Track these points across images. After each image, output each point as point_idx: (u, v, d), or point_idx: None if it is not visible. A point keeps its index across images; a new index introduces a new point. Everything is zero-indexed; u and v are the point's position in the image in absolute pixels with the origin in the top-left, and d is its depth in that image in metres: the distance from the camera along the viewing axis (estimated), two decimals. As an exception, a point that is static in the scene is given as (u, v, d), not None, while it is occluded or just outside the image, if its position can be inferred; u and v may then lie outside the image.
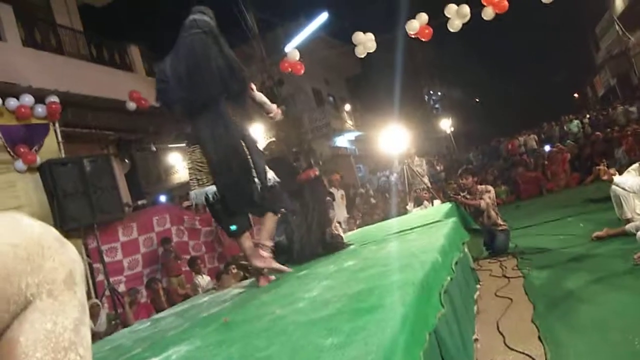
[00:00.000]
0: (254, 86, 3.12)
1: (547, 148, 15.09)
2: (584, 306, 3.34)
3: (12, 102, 6.40)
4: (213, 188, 2.81)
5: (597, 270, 4.10)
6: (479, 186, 6.03)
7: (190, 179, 2.94)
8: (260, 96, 3.21)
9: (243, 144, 2.87)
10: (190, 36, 2.75)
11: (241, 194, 2.81)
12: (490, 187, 6.08)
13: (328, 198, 4.32)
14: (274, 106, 3.34)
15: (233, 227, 2.99)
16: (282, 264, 3.15)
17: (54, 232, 0.58)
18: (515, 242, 5.88)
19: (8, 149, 6.31)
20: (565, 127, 18.11)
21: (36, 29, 8.71)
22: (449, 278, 2.19)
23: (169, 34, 3.01)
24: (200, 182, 2.86)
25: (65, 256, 0.56)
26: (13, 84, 6.95)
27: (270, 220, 2.99)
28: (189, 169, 2.94)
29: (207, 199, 2.83)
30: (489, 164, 16.40)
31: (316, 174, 4.06)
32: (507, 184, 12.42)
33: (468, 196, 5.94)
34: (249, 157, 2.87)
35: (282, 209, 3.18)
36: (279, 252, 3.39)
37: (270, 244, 3.00)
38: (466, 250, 3.40)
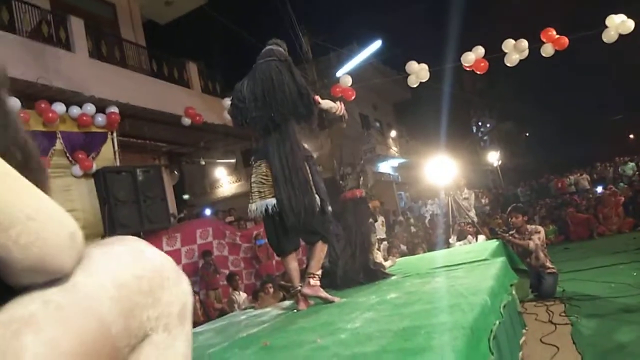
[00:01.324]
0: (319, 98, 3.23)
1: (599, 189, 14.48)
2: (635, 362, 3.14)
3: (74, 110, 6.76)
4: (274, 201, 2.92)
5: (651, 324, 3.86)
6: (528, 226, 5.83)
7: (252, 192, 3.05)
8: (326, 102, 3.35)
9: (306, 165, 3.01)
10: (266, 62, 3.00)
11: (299, 212, 2.88)
12: (540, 228, 5.86)
13: (370, 220, 4.28)
14: (337, 103, 3.49)
15: (283, 244, 3.05)
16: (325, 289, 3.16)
17: (173, 263, 0.59)
18: (562, 286, 5.63)
19: (67, 154, 6.64)
20: (619, 169, 17.33)
21: (103, 42, 9.20)
22: (497, 322, 2.10)
23: (224, 55, 3.21)
24: (262, 195, 2.99)
25: (180, 288, 0.57)
26: (78, 93, 7.33)
27: (319, 250, 3.03)
28: (253, 182, 3.06)
29: (266, 210, 2.94)
30: (537, 202, 15.86)
31: (362, 194, 4.05)
32: (556, 223, 11.95)
33: (517, 235, 5.75)
34: (310, 177, 3.00)
35: (331, 239, 3.22)
36: (321, 275, 3.40)
37: (319, 273, 3.03)
38: (514, 292, 3.28)
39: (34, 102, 6.33)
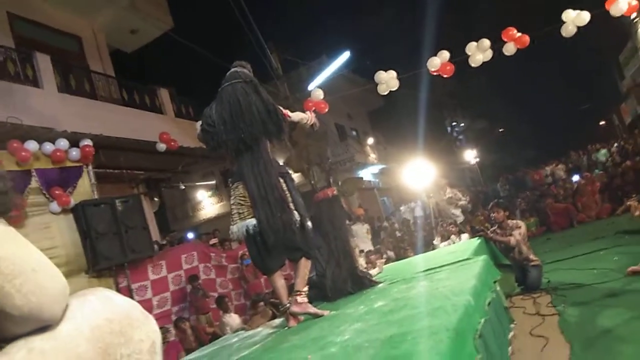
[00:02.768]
0: (288, 112, 3.28)
1: (575, 178, 14.82)
2: (623, 345, 3.23)
3: (47, 147, 6.66)
4: (253, 221, 2.95)
5: (635, 306, 3.97)
6: (509, 221, 5.94)
7: (232, 214, 3.08)
8: (296, 114, 3.40)
9: (282, 181, 3.04)
10: (232, 85, 3.04)
11: (278, 230, 2.91)
12: (521, 223, 5.98)
13: (348, 222, 4.26)
14: (307, 113, 3.57)
15: (267, 264, 3.08)
16: (313, 302, 3.19)
17: (139, 306, 0.66)
18: (547, 277, 5.74)
19: (44, 192, 6.53)
20: (593, 157, 17.78)
21: (71, 76, 9.14)
22: (482, 320, 2.16)
23: (195, 78, 3.26)
24: (242, 216, 3.02)
25: (149, 327, 0.63)
26: (50, 129, 7.25)
27: (303, 266, 3.06)
28: (232, 204, 3.10)
29: (247, 231, 2.97)
30: (517, 195, 16.14)
31: (334, 193, 4.03)
32: (537, 215, 12.18)
33: (498, 231, 5.86)
34: (287, 194, 3.02)
35: (314, 253, 3.24)
36: (310, 287, 3.43)
37: (306, 289, 3.06)
38: (498, 288, 3.35)
39: (6, 142, 6.24)
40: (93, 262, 6.03)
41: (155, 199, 10.86)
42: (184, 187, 11.29)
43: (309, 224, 3.11)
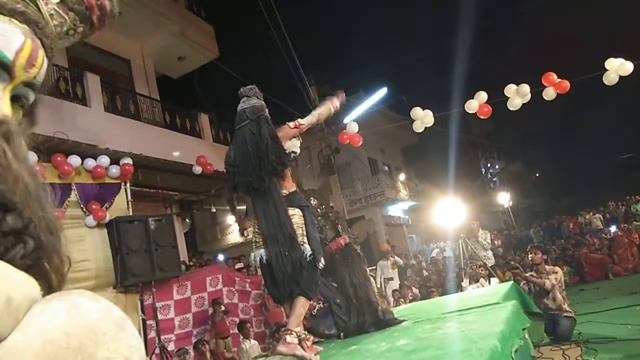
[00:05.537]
0: (299, 121, 3.32)
1: (612, 229, 14.29)
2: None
3: (89, 162, 6.94)
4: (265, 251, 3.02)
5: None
6: (547, 266, 5.76)
7: (252, 242, 3.15)
8: (312, 116, 3.44)
9: (300, 214, 3.07)
10: (241, 129, 3.12)
11: (285, 269, 2.93)
12: (557, 269, 5.79)
13: (363, 266, 4.09)
14: (332, 100, 3.60)
15: (276, 294, 3.08)
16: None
17: (114, 317, 0.54)
18: (578, 329, 5.50)
19: (81, 206, 6.77)
20: (631, 208, 17.14)
21: (118, 96, 9.56)
22: (508, 368, 2.09)
23: (235, 105, 3.35)
24: (257, 245, 3.08)
25: (121, 343, 0.52)
26: (93, 146, 7.55)
27: (300, 305, 2.97)
28: (252, 233, 3.17)
29: (261, 260, 3.02)
30: (551, 242, 15.65)
31: (346, 241, 3.95)
32: (570, 264, 11.76)
33: (534, 274, 5.68)
34: (302, 228, 3.04)
35: (315, 295, 3.19)
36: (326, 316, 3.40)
37: (298, 329, 2.93)
38: (527, 336, 3.23)
39: (51, 155, 6.53)
40: (121, 278, 6.14)
41: (187, 220, 11.05)
42: (214, 210, 11.45)
43: (322, 264, 3.06)
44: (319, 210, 4.15)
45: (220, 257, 14.55)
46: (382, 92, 12.99)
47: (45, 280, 0.55)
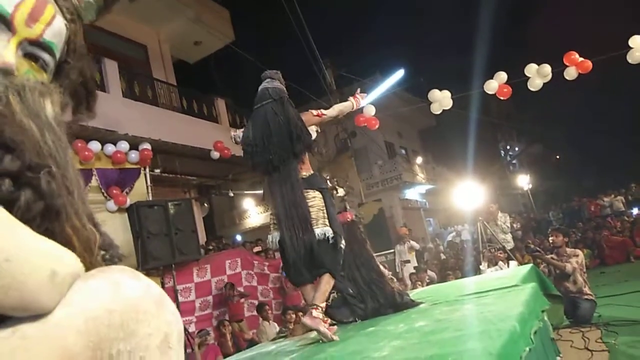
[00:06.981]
0: (322, 111, 3.33)
1: (634, 211, 14.01)
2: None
3: (109, 148, 7.05)
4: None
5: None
6: (567, 249, 5.68)
7: (270, 224, 3.18)
8: (334, 109, 3.46)
9: (320, 196, 3.09)
10: (262, 107, 3.10)
11: (299, 250, 2.95)
12: (578, 252, 5.70)
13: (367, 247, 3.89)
14: (351, 100, 3.66)
15: (294, 276, 3.13)
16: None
17: (154, 294, 0.55)
18: (599, 312, 5.45)
19: (102, 190, 6.90)
20: (654, 189, 16.80)
21: (135, 82, 9.63)
22: (527, 349, 2.08)
23: (251, 90, 3.34)
24: (275, 227, 3.10)
25: (161, 319, 0.54)
26: (112, 132, 7.65)
27: (325, 282, 3.01)
28: (270, 215, 3.20)
29: (278, 242, 3.07)
30: (571, 225, 15.45)
31: (352, 217, 3.94)
32: (590, 247, 11.61)
33: (555, 257, 5.62)
34: (323, 210, 3.05)
35: (339, 273, 3.20)
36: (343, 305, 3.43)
37: (323, 305, 2.99)
38: (546, 318, 3.21)
39: (71, 141, 6.62)
40: (142, 261, 6.26)
41: (205, 204, 11.17)
42: (232, 195, 11.54)
43: (342, 244, 3.08)
44: (331, 184, 4.13)
45: (239, 237, 14.72)
46: (400, 74, 12.80)
47: (69, 247, 0.54)
